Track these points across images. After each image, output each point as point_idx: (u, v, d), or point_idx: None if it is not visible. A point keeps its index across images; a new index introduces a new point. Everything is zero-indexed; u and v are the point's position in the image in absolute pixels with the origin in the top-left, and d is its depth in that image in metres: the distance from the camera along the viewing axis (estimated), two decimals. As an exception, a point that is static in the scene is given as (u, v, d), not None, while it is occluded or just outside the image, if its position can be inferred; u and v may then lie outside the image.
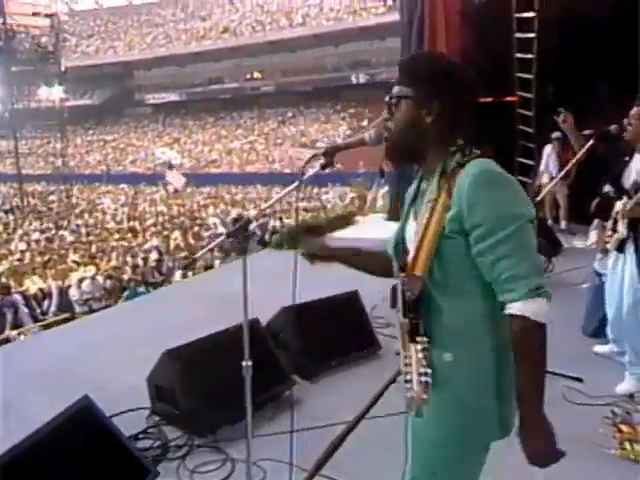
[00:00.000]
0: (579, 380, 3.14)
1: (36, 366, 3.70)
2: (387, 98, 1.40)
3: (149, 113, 47.18)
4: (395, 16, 20.37)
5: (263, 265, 5.59)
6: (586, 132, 3.75)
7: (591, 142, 3.54)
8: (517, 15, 6.99)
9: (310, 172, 1.90)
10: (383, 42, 36.00)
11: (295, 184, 1.92)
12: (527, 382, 1.24)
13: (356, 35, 38.60)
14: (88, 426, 2.21)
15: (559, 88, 6.83)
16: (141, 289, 9.16)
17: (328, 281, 4.05)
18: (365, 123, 34.21)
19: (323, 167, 1.91)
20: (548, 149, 7.33)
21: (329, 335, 3.54)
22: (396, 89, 1.38)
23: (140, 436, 2.72)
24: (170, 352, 2.85)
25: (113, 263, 10.76)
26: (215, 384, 2.76)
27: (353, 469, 2.31)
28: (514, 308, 1.22)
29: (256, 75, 44.08)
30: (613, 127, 3.38)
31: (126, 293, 8.99)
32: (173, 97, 46.21)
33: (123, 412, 2.86)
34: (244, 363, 2.07)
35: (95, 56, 47.81)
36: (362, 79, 39.74)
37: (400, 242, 1.44)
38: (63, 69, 28.39)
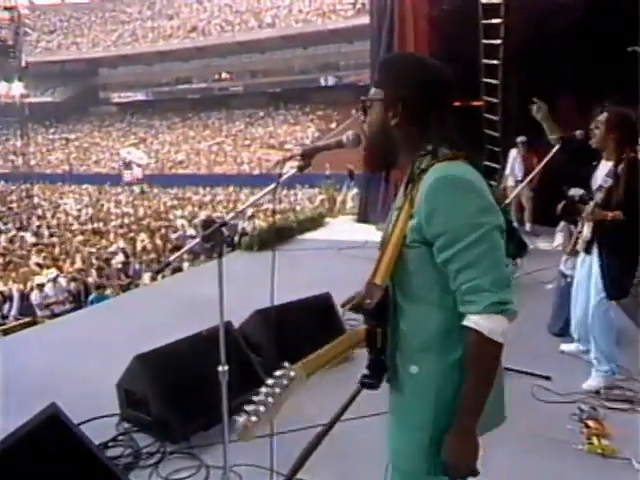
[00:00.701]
0: (547, 378, 3.23)
1: (-2, 373, 3.55)
2: (362, 100, 1.37)
3: (114, 112, 46.16)
4: (364, 19, 20.57)
5: (233, 267, 5.52)
6: (552, 137, 3.86)
7: (557, 147, 3.64)
8: (484, 22, 7.14)
9: (288, 174, 1.88)
10: (351, 45, 36.27)
11: (273, 185, 1.90)
12: (471, 393, 1.18)
13: (325, 38, 38.75)
14: (56, 435, 2.12)
15: (524, 93, 7.00)
16: (107, 292, 8.92)
17: (300, 283, 4.05)
18: (334, 125, 34.35)
19: (300, 169, 1.88)
20: (513, 152, 7.50)
21: (302, 338, 3.50)
22: (371, 91, 1.37)
23: (110, 444, 2.65)
24: (140, 357, 2.78)
25: (77, 265, 10.46)
26: (188, 389, 2.71)
27: (330, 472, 2.31)
28: (471, 321, 1.16)
29: (224, 76, 43.69)
30: (578, 132, 3.48)
31: (92, 296, 8.74)
32: (140, 96, 45.35)
33: (92, 419, 2.78)
34: (220, 368, 2.04)
35: (57, 52, 46.53)
36: (331, 81, 39.94)
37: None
38: (24, 64, 27.47)
